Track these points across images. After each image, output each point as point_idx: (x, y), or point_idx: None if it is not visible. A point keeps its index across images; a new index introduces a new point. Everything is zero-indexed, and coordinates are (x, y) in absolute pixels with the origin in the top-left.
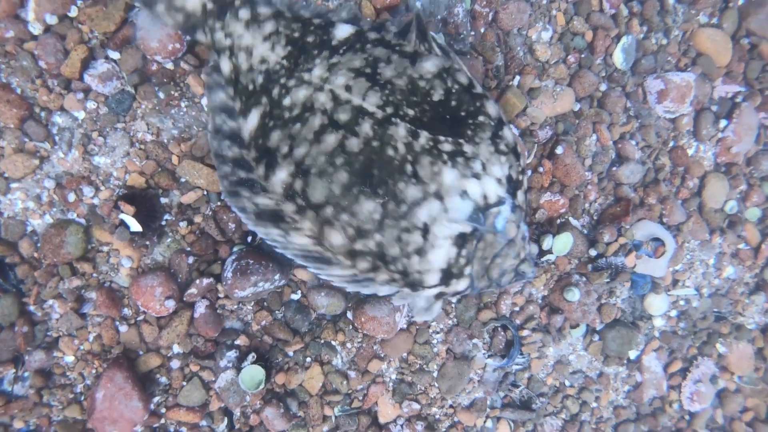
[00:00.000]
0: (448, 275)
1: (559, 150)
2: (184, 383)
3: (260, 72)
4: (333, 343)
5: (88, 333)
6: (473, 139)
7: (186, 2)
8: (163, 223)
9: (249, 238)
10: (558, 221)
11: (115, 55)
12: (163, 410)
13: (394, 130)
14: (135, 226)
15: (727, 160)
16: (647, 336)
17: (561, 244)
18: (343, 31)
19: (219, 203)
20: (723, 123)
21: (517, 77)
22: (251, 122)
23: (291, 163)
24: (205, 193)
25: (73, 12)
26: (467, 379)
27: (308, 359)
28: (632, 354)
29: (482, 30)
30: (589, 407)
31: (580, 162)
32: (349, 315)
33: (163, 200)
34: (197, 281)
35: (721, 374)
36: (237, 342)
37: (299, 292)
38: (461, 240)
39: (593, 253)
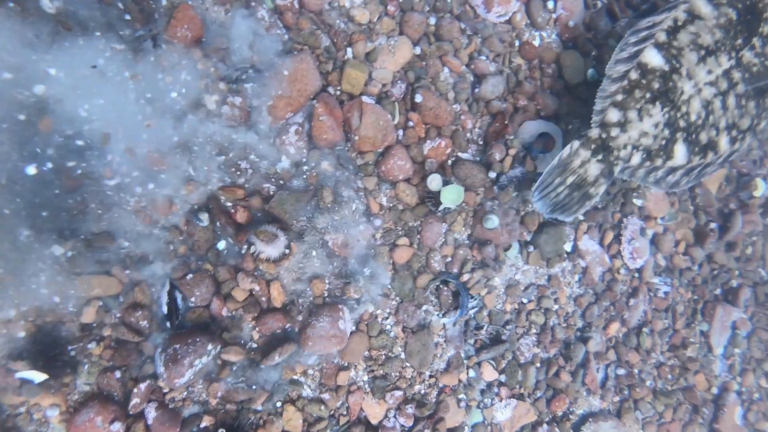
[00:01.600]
0: None
1: (418, 98)
2: None
3: (664, 127)
4: (295, 377)
5: None
6: None
7: (589, 173)
8: (72, 353)
9: (167, 323)
10: (449, 162)
11: None
12: None
13: (745, 58)
14: (39, 376)
15: (570, 35)
16: (573, 224)
17: (453, 195)
18: (653, 58)
19: (121, 305)
20: (551, 4)
21: (349, 49)
22: (680, 153)
23: (724, 131)
24: (101, 303)
25: None
26: (433, 345)
27: (278, 404)
28: (568, 247)
29: (295, 21)
30: (552, 312)
31: (444, 99)
32: (297, 347)
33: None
34: (135, 390)
35: (647, 224)
36: (203, 425)
37: None
38: None
39: (492, 175)
